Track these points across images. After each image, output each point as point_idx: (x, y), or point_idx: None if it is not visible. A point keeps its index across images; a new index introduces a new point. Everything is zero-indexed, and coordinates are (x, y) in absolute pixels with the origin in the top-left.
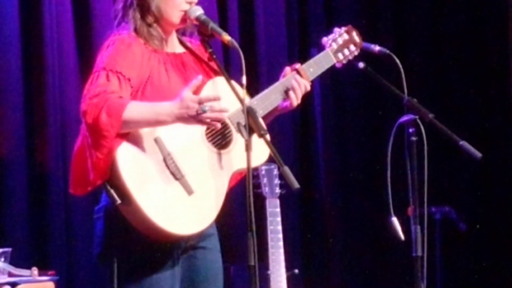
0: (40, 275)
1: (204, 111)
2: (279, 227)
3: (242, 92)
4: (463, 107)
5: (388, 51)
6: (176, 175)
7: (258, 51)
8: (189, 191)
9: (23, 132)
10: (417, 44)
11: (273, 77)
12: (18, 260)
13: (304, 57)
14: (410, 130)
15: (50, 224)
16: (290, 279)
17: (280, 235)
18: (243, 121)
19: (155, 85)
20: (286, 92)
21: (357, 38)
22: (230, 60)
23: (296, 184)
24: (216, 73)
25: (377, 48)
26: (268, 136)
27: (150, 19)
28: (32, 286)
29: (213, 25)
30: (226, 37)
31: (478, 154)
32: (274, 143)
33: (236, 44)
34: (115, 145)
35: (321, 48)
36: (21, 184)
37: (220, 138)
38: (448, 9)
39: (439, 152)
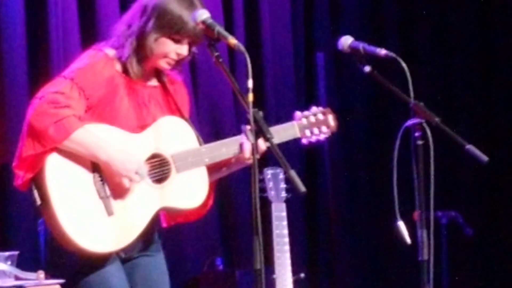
0: (46, 278)
1: (140, 174)
2: (285, 231)
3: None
4: (470, 111)
5: (394, 55)
6: (100, 193)
7: (264, 54)
8: (110, 212)
9: None
10: (423, 48)
11: (279, 81)
12: (24, 264)
13: (309, 61)
14: (416, 134)
15: None
16: (296, 283)
17: (286, 239)
18: (188, 162)
19: (110, 107)
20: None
21: (331, 122)
22: (236, 63)
23: (302, 188)
24: (180, 112)
25: (383, 51)
26: (274, 140)
27: (141, 53)
28: None
29: (219, 29)
30: (232, 41)
31: (485, 158)
32: (279, 147)
33: (242, 48)
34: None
35: (292, 118)
36: None
37: (157, 173)
38: (454, 12)
39: (446, 156)
